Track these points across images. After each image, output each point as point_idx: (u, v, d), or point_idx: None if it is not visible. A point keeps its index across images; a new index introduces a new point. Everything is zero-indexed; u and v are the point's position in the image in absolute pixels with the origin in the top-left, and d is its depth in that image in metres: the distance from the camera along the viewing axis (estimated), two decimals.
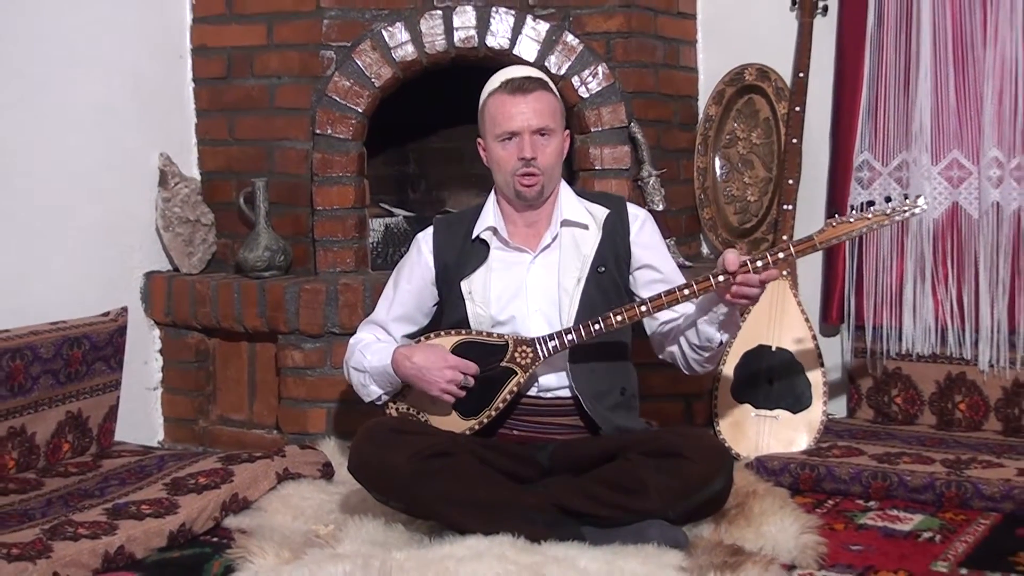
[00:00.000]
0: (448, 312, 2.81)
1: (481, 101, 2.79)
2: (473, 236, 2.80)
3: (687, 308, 2.71)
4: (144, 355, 3.65)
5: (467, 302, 2.75)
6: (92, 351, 3.23)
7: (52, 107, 3.31)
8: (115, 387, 3.35)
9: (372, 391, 2.80)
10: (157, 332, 3.69)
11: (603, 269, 2.75)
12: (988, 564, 2.43)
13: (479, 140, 2.82)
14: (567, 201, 2.80)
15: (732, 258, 2.51)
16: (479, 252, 2.79)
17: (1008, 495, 2.79)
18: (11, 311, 3.10)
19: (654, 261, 2.79)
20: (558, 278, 2.74)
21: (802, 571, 2.42)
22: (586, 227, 2.78)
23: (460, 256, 2.80)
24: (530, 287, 2.74)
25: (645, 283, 2.77)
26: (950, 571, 2.42)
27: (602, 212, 2.80)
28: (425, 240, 2.86)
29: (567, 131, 2.82)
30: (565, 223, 2.78)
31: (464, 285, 2.77)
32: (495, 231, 2.79)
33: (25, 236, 3.24)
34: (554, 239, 2.77)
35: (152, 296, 3.64)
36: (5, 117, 3.19)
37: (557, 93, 2.82)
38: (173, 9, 3.70)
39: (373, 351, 2.78)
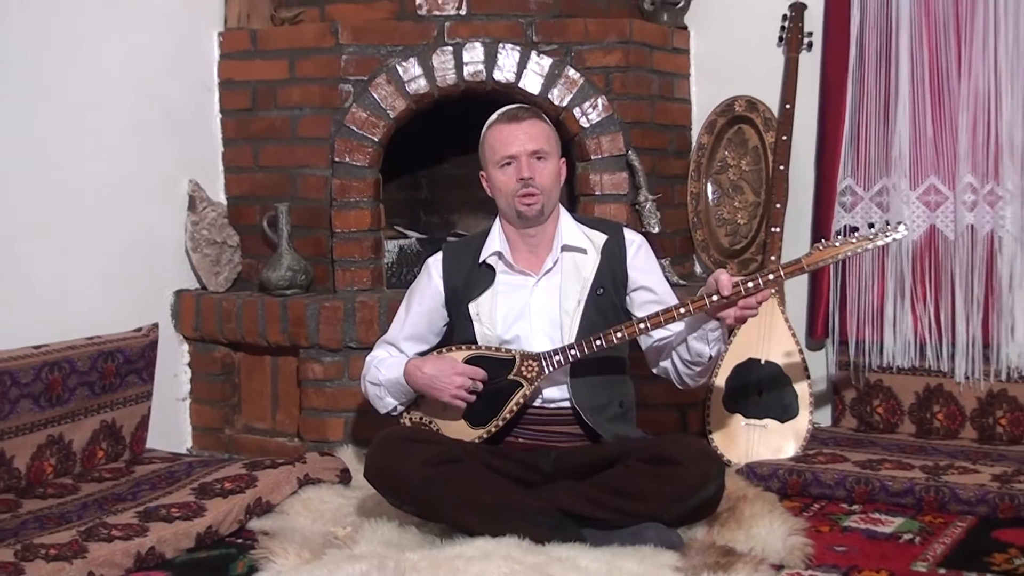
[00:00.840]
0: (457, 331, 2.82)
1: (481, 136, 2.80)
2: (480, 261, 2.80)
3: (680, 326, 2.71)
4: (174, 368, 3.66)
5: (475, 323, 2.76)
6: (125, 364, 3.24)
7: (91, 138, 3.33)
8: (147, 398, 3.36)
9: (387, 402, 2.81)
10: (186, 347, 3.69)
11: (602, 291, 2.75)
12: (965, 564, 2.44)
13: (481, 173, 2.83)
14: (567, 227, 2.81)
15: (725, 281, 2.49)
16: (486, 276, 2.79)
17: (983, 499, 2.79)
18: (51, 327, 3.11)
19: (649, 283, 2.80)
20: (560, 300, 2.75)
21: (790, 571, 2.42)
22: (585, 252, 2.78)
23: (468, 280, 2.80)
24: (533, 309, 2.75)
25: (641, 304, 2.78)
26: (929, 571, 2.42)
27: (600, 238, 2.80)
28: (435, 265, 2.87)
29: (563, 159, 2.83)
30: (565, 248, 2.78)
31: (472, 307, 2.77)
32: (500, 255, 2.79)
33: (64, 256, 3.25)
34: (555, 263, 2.78)
35: (181, 313, 3.65)
36: (49, 146, 3.21)
37: (550, 123, 2.83)
38: (203, 45, 3.72)
39: (387, 365, 2.79)
